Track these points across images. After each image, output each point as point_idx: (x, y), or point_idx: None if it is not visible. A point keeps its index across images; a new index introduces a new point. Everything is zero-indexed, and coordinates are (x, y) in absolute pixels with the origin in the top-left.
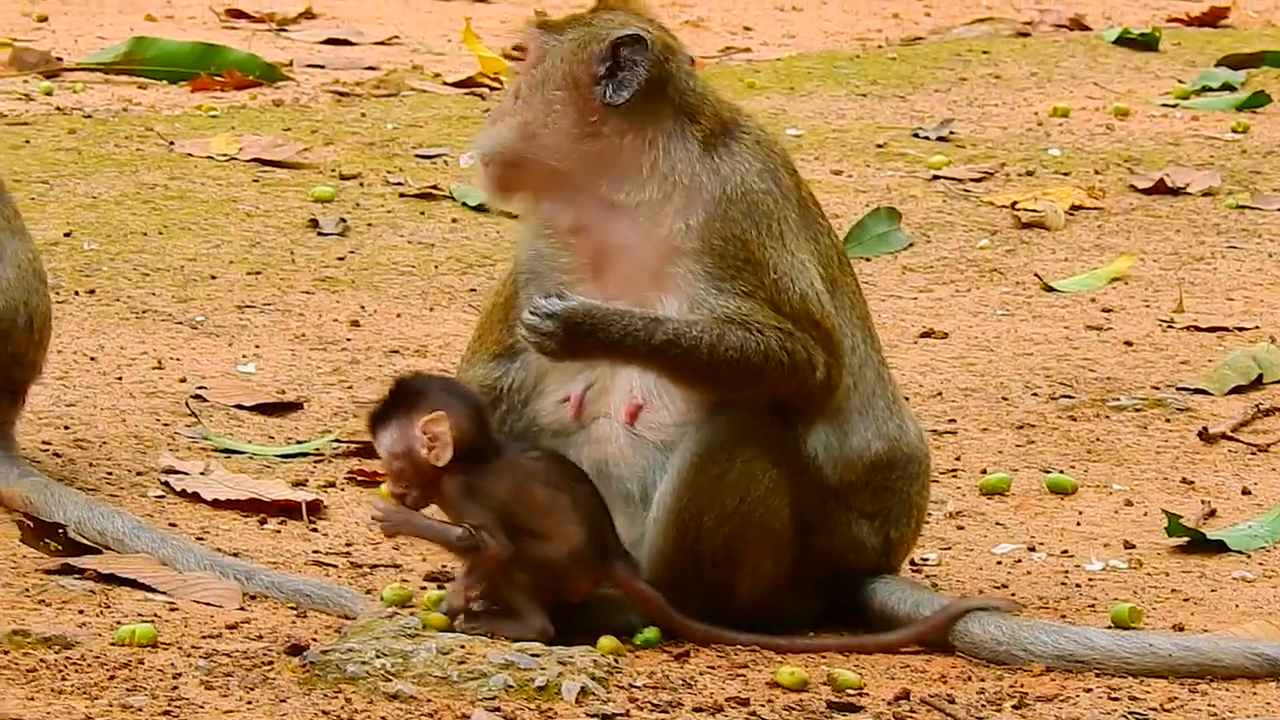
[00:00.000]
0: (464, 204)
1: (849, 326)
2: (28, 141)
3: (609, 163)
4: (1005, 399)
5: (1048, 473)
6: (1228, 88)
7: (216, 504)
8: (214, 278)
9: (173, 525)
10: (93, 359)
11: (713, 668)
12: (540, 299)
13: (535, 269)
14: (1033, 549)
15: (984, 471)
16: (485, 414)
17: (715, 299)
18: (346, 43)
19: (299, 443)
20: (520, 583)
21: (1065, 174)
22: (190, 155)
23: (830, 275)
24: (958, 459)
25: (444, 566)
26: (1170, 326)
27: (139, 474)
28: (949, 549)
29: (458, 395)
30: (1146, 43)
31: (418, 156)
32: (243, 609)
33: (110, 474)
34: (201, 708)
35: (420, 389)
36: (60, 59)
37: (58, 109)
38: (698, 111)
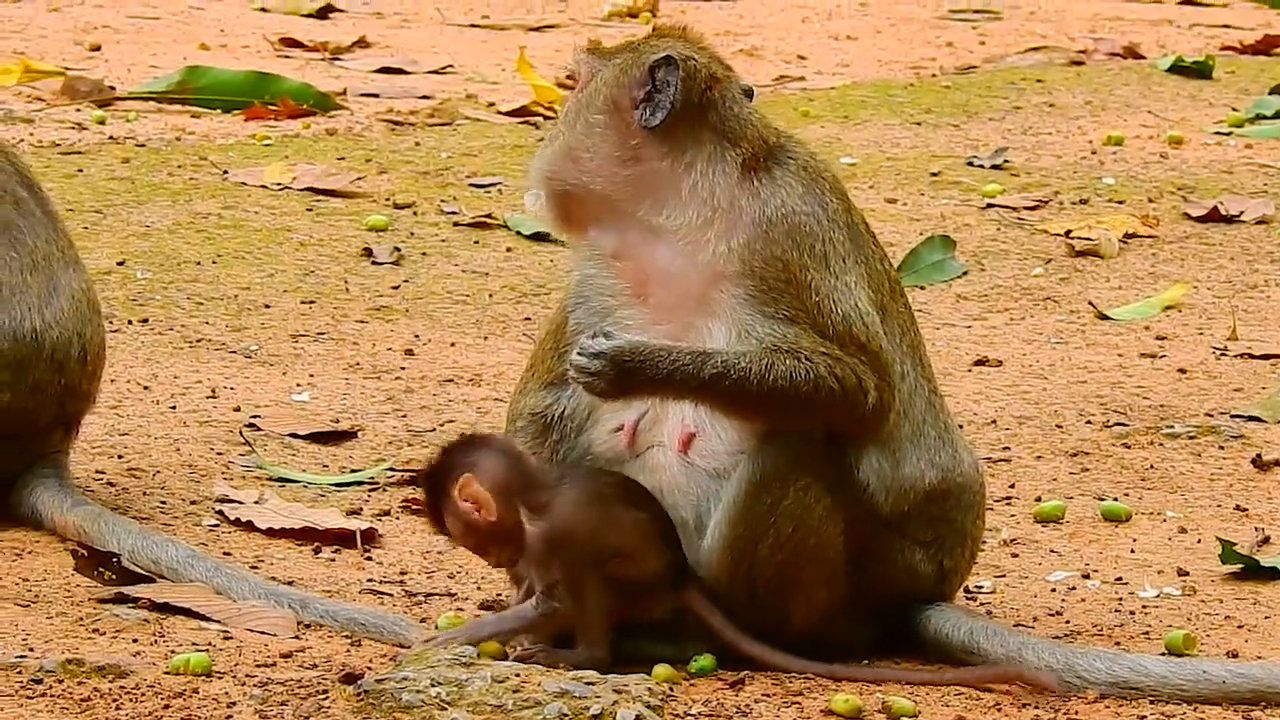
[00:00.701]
0: (518, 233)
1: (899, 354)
2: (81, 171)
3: (650, 187)
4: (1059, 426)
5: (1102, 500)
6: None
7: (270, 533)
8: (268, 307)
9: (227, 554)
10: (146, 388)
11: (768, 695)
12: (587, 339)
13: (584, 294)
14: (1087, 576)
15: (1038, 499)
16: (513, 451)
17: (760, 325)
18: (400, 72)
19: (353, 471)
20: (595, 606)
21: (1119, 202)
22: (244, 184)
23: (881, 301)
24: (1012, 486)
25: (499, 595)
26: (1224, 354)
27: (193, 503)
28: (1003, 576)
29: (477, 449)
30: (1200, 71)
31: (472, 185)
32: (297, 638)
33: (164, 503)
34: None
35: (440, 467)
36: (113, 88)
37: (111, 138)
38: (740, 136)
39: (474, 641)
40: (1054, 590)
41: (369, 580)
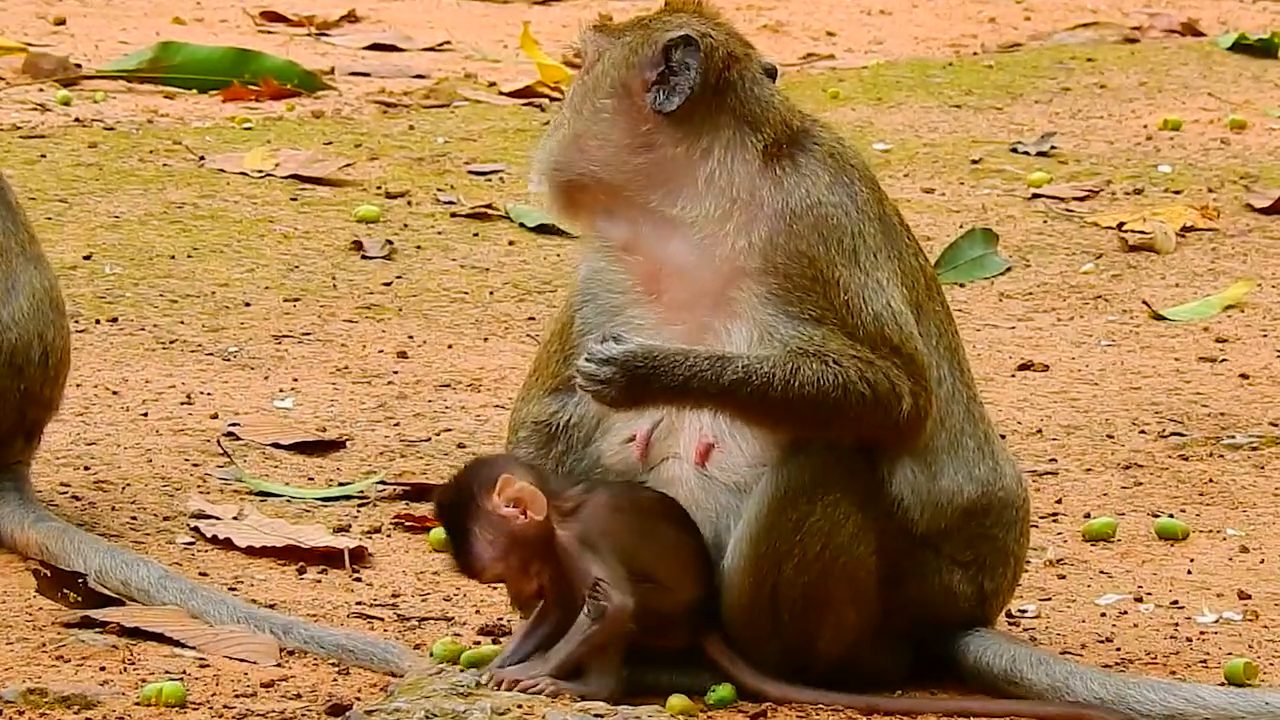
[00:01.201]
0: (521, 224)
1: (934, 356)
2: (44, 156)
3: (663, 176)
4: (1110, 437)
5: (1156, 517)
6: None
7: (251, 551)
8: (248, 305)
9: (203, 574)
10: (115, 393)
11: None
12: (596, 344)
13: (591, 290)
14: (1140, 599)
15: (1087, 515)
16: (531, 461)
17: (784, 326)
18: (393, 49)
19: (341, 485)
20: (605, 638)
21: (1176, 192)
22: (222, 171)
23: (916, 300)
24: (1059, 502)
25: (500, 619)
26: None
27: (166, 519)
28: (1049, 600)
29: (497, 459)
30: (1265, 49)
31: (471, 173)
32: (279, 665)
33: (135, 519)
34: None
35: (466, 483)
36: (79, 66)
37: (77, 120)
38: (762, 121)
39: (562, 675)
40: (1104, 615)
41: (358, 603)
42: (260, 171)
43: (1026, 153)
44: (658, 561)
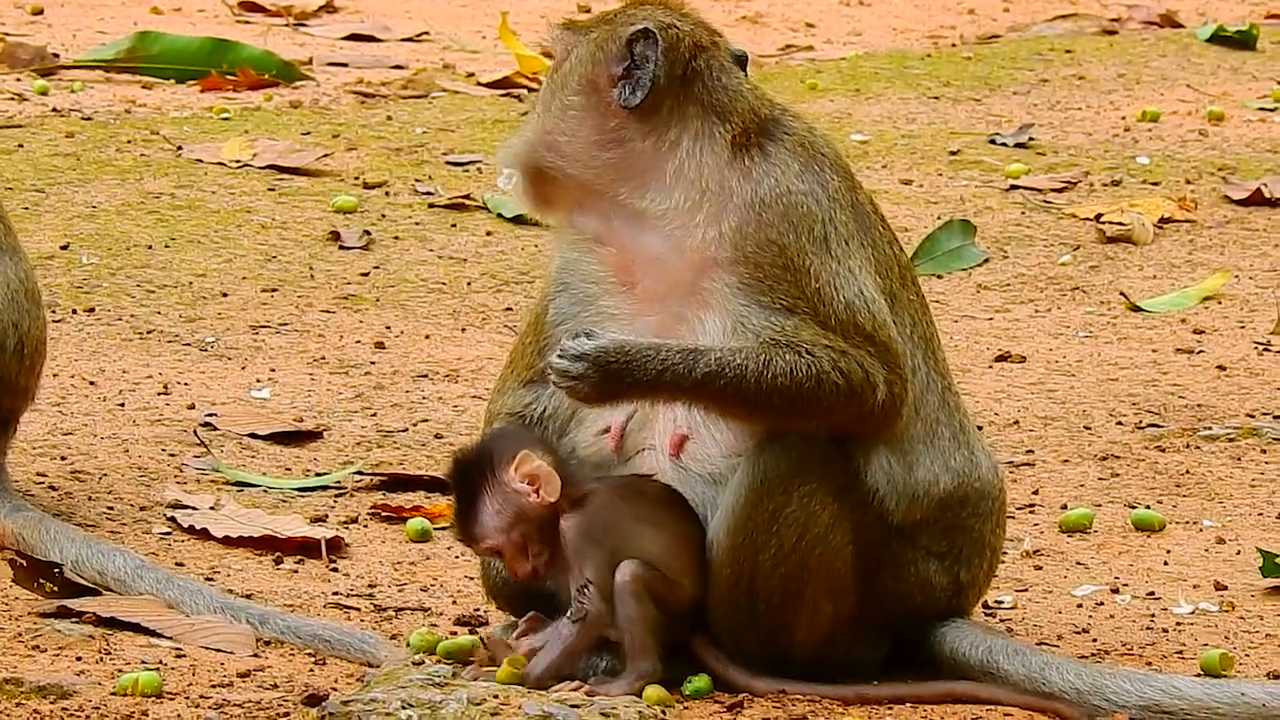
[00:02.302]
0: (499, 215)
1: (909, 346)
2: (21, 146)
3: (633, 170)
4: (1087, 428)
5: (1133, 508)
6: None
7: (227, 541)
8: (225, 295)
9: (179, 565)
10: (92, 383)
11: None
12: (568, 340)
13: (565, 280)
14: (1116, 591)
15: (1064, 507)
16: (549, 441)
17: (756, 316)
18: (371, 39)
19: (318, 475)
20: (640, 613)
21: (1154, 184)
22: (199, 161)
23: (890, 289)
24: (1035, 493)
25: (476, 610)
26: (1267, 349)
27: (143, 509)
28: (1025, 590)
29: (520, 433)
30: (1243, 41)
31: (449, 164)
32: (256, 655)
33: (111, 509)
34: None
35: (483, 452)
36: (57, 55)
37: (54, 110)
38: (730, 110)
39: (542, 686)
40: (1080, 606)
41: (334, 593)
42: (238, 161)
43: (1005, 144)
44: (664, 548)
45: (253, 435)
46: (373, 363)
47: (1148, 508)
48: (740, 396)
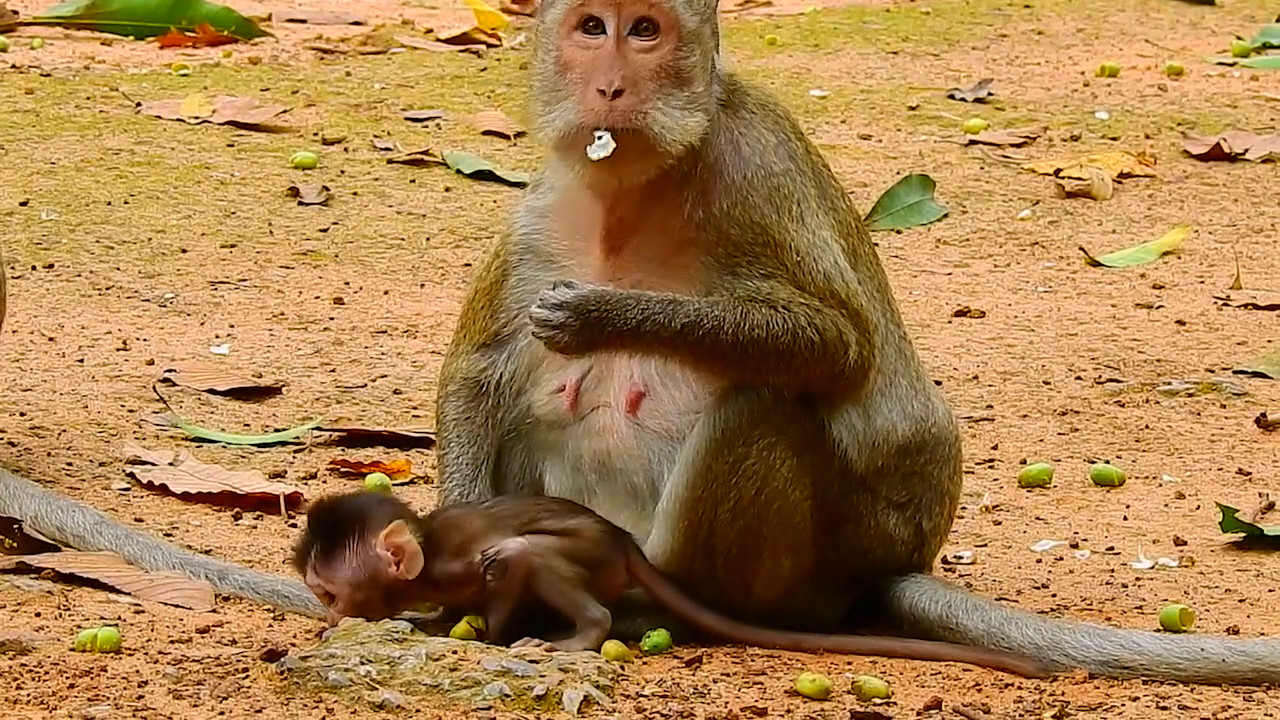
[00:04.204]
0: (458, 171)
1: (871, 302)
2: None
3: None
4: (1047, 383)
5: (1092, 463)
6: None
7: (186, 497)
8: (184, 251)
9: (138, 520)
10: (51, 339)
11: (727, 675)
12: (547, 290)
13: (531, 244)
14: (1076, 546)
15: (1023, 462)
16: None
17: (732, 282)
18: None
19: (277, 430)
20: (569, 575)
21: (1113, 139)
22: (159, 118)
23: (851, 246)
24: (995, 448)
25: None
26: (1226, 304)
27: (102, 465)
28: (985, 546)
29: (398, 504)
30: None
31: (408, 120)
32: (215, 611)
33: (70, 465)
34: (169, 718)
35: (362, 507)
36: (16, 12)
37: (13, 67)
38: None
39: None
40: (1040, 561)
41: (293, 549)
42: (197, 118)
43: (964, 99)
44: (544, 522)
45: (211, 391)
46: (331, 318)
47: (1107, 463)
48: (717, 348)
